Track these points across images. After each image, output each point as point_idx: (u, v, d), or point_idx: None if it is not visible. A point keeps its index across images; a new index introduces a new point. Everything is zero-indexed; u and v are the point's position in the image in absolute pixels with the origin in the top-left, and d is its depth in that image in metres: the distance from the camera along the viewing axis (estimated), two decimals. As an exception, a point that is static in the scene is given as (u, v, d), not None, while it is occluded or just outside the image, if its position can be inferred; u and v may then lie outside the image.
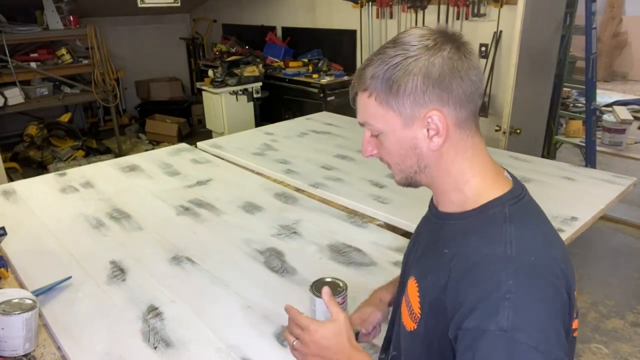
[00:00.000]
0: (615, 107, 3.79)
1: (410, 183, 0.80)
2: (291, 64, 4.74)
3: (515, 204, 0.73)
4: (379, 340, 1.04)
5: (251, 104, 4.41)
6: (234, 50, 4.88)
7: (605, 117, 3.55)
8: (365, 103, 0.76)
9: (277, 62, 4.82)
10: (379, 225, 1.65)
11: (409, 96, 0.71)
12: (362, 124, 0.79)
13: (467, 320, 0.64)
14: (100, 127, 5.86)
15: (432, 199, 0.84)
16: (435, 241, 0.78)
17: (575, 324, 0.72)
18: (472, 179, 0.75)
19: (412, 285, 0.79)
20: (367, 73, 0.74)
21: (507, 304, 0.61)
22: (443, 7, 3.48)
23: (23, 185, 2.08)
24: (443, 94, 0.70)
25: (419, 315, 0.75)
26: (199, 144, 2.58)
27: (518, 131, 2.76)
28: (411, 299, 0.78)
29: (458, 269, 0.68)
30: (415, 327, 0.76)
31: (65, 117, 5.03)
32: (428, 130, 0.72)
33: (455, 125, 0.72)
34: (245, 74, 4.30)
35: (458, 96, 0.71)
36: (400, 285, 0.92)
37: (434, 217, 0.82)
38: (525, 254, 0.66)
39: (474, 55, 0.74)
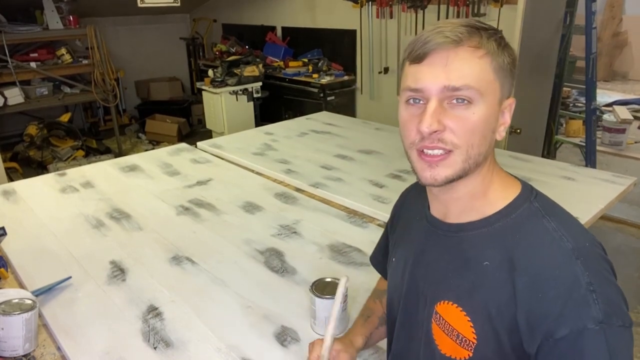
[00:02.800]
0: (615, 106, 3.78)
1: (461, 176, 0.68)
2: (291, 63, 4.74)
3: (537, 196, 0.71)
4: None
5: (251, 103, 4.41)
6: (234, 50, 4.89)
7: (606, 116, 3.55)
8: (477, 63, 0.65)
9: (277, 62, 4.82)
10: (379, 225, 1.65)
11: (512, 74, 0.68)
12: (457, 87, 0.64)
13: (558, 328, 0.60)
14: (100, 127, 5.86)
15: (428, 212, 0.78)
16: (459, 256, 0.71)
17: None
18: (496, 181, 0.72)
19: (450, 309, 0.71)
20: (478, 33, 0.66)
21: (595, 296, 0.60)
22: (443, 7, 3.48)
23: (23, 185, 2.08)
24: (514, 84, 0.69)
25: (474, 341, 0.68)
26: (199, 143, 2.58)
27: (518, 131, 2.76)
28: (458, 326, 0.70)
29: (524, 282, 0.63)
30: (471, 354, 0.69)
31: (65, 117, 5.02)
32: (504, 116, 0.69)
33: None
34: (245, 74, 4.30)
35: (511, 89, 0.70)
36: (408, 315, 0.82)
37: (444, 231, 0.74)
38: (580, 242, 0.64)
39: None
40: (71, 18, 4.61)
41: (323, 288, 1.09)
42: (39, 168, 4.51)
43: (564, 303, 0.60)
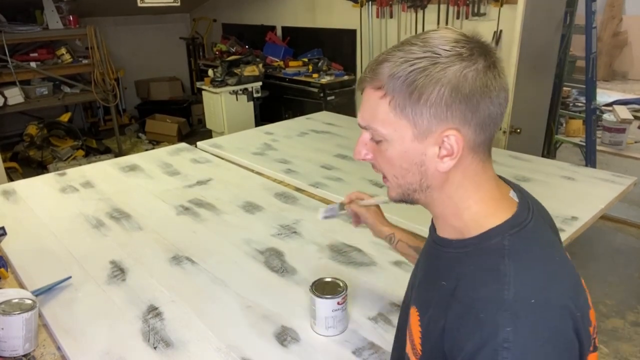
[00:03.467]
0: (615, 106, 3.79)
1: (405, 200, 0.72)
2: (291, 63, 4.74)
3: (517, 232, 0.65)
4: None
5: (251, 103, 4.41)
6: (234, 50, 4.89)
7: (605, 116, 3.55)
8: (376, 104, 0.66)
9: (277, 61, 4.82)
10: (379, 225, 1.65)
11: (430, 107, 0.62)
12: (363, 127, 0.69)
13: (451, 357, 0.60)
14: (100, 126, 5.86)
15: (432, 220, 0.78)
16: (433, 270, 0.73)
17: (592, 358, 0.66)
18: (473, 205, 0.68)
19: (414, 316, 0.73)
20: (385, 70, 0.64)
21: (506, 354, 0.56)
22: (443, 7, 3.48)
23: (23, 185, 2.08)
24: (468, 113, 0.63)
25: (420, 353, 0.70)
26: (199, 143, 2.58)
27: (518, 131, 2.76)
28: (413, 332, 0.72)
29: (455, 312, 0.63)
30: None
31: (65, 117, 5.03)
32: (440, 148, 0.64)
33: (469, 149, 0.65)
34: (245, 74, 4.30)
35: (482, 118, 0.64)
36: (404, 306, 0.86)
37: (433, 242, 0.75)
38: (523, 296, 0.59)
39: (504, 74, 0.66)
40: (71, 18, 4.61)
41: (323, 288, 1.09)
42: (39, 168, 4.51)
43: (477, 350, 0.58)
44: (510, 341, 0.56)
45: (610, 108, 3.88)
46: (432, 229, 0.77)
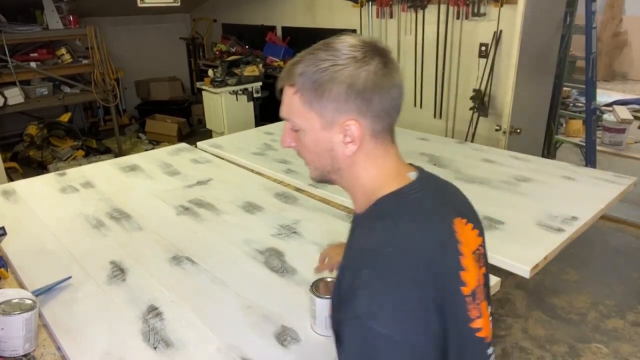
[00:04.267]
0: (615, 106, 3.78)
1: (324, 180, 0.84)
2: (291, 63, 4.73)
3: (396, 200, 0.76)
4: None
5: (251, 103, 4.41)
6: (234, 50, 4.88)
7: (605, 116, 3.55)
8: (291, 99, 0.77)
9: (277, 61, 4.82)
10: (379, 225, 1.65)
11: (332, 102, 0.74)
12: (285, 118, 0.81)
13: (338, 313, 0.71)
14: (100, 127, 5.86)
15: None
16: (347, 243, 0.83)
17: (478, 324, 0.73)
18: (374, 182, 0.79)
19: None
20: (297, 70, 0.76)
21: (362, 292, 0.66)
22: (443, 7, 3.48)
23: (23, 185, 2.08)
24: (363, 106, 0.74)
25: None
26: (199, 143, 2.58)
27: (518, 131, 2.76)
28: None
29: (341, 264, 0.77)
30: None
31: (65, 117, 5.02)
32: (345, 136, 0.76)
33: (370, 136, 0.76)
34: (245, 74, 4.30)
35: (376, 110, 0.74)
36: None
37: (352, 220, 0.87)
38: (383, 246, 0.70)
39: (398, 72, 0.77)
40: (71, 18, 4.61)
41: (323, 288, 1.09)
42: (39, 168, 4.51)
43: (344, 292, 0.69)
44: (366, 281, 0.67)
45: (610, 108, 3.87)
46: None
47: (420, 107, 3.90)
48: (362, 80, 0.72)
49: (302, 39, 4.90)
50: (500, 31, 3.24)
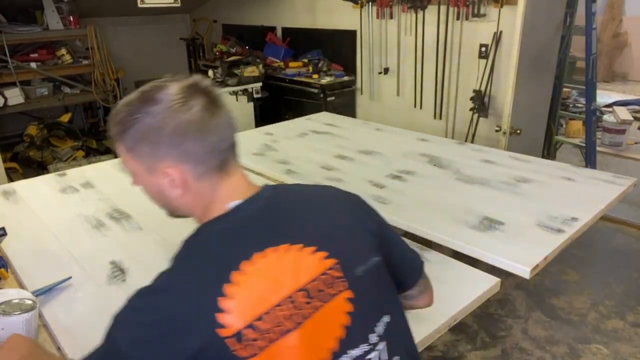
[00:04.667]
0: (615, 107, 3.79)
1: (177, 216, 0.90)
2: (291, 64, 4.74)
3: (194, 234, 0.82)
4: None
5: (251, 104, 4.41)
6: (234, 51, 4.88)
7: (605, 117, 3.55)
8: (117, 147, 0.84)
9: (277, 62, 4.82)
10: (379, 225, 1.65)
11: (147, 149, 0.79)
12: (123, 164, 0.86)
13: None
14: (100, 127, 5.84)
15: None
16: None
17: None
18: (204, 219, 0.82)
19: None
20: (116, 120, 0.81)
21: (115, 319, 0.78)
22: (443, 8, 3.48)
23: (23, 186, 2.08)
24: (177, 152, 0.78)
25: None
26: (199, 144, 2.57)
27: (518, 131, 2.76)
28: None
29: None
30: None
31: (65, 117, 5.02)
32: (169, 181, 0.80)
33: (194, 179, 0.80)
34: (245, 74, 4.30)
35: (194, 154, 0.78)
36: None
37: None
38: (155, 282, 0.80)
39: (221, 110, 0.82)
40: (71, 18, 4.61)
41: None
42: (39, 168, 4.50)
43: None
44: (132, 298, 0.78)
45: (610, 109, 3.88)
46: None
47: (420, 107, 3.90)
48: (171, 128, 0.76)
49: (302, 40, 4.91)
50: (500, 32, 3.24)
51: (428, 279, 0.99)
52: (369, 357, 0.77)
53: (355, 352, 0.76)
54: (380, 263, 0.83)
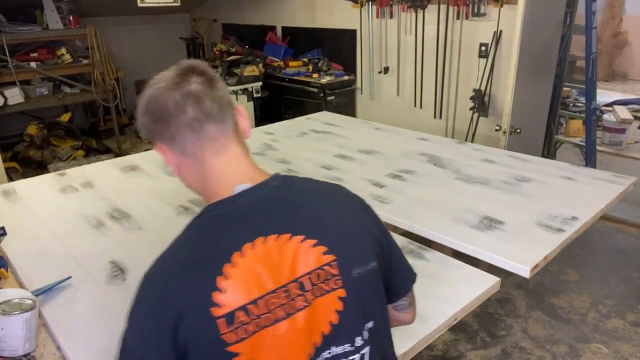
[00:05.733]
0: (615, 106, 3.79)
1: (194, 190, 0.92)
2: (291, 63, 4.73)
3: (198, 217, 0.82)
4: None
5: (251, 103, 4.41)
6: (233, 50, 4.88)
7: (606, 116, 3.55)
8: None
9: (277, 61, 4.82)
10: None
11: (142, 128, 0.86)
12: None
13: None
14: (100, 126, 5.85)
15: None
16: None
17: (237, 348, 0.70)
18: (207, 196, 0.86)
19: None
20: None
21: (135, 293, 0.76)
22: (443, 7, 3.48)
23: (23, 185, 2.08)
24: (156, 134, 0.83)
25: None
26: (199, 143, 2.57)
27: (518, 131, 2.76)
28: None
29: None
30: None
31: (65, 117, 5.02)
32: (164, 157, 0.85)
33: (180, 155, 0.84)
34: (245, 74, 4.30)
35: (168, 135, 0.82)
36: None
37: None
38: (161, 257, 0.79)
39: (199, 90, 0.81)
40: (71, 18, 4.61)
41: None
42: (39, 168, 4.50)
43: None
44: (141, 283, 0.77)
45: (610, 108, 3.88)
46: None
47: (420, 107, 3.90)
48: (154, 108, 0.82)
49: (302, 39, 4.91)
50: (500, 31, 3.24)
51: (414, 295, 0.99)
52: (351, 357, 0.78)
53: (338, 349, 0.77)
54: (377, 269, 0.83)
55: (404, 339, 1.11)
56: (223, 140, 0.83)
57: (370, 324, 0.81)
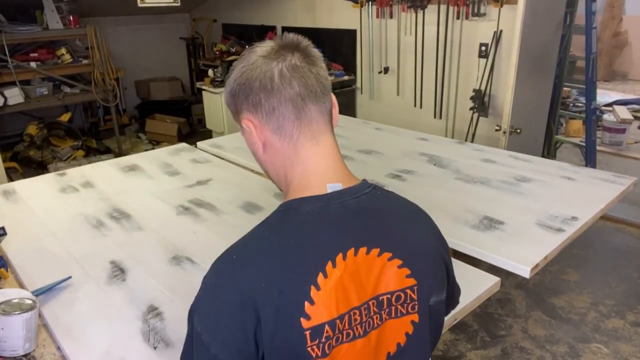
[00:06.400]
0: (615, 106, 3.79)
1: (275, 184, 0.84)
2: (291, 63, 4.73)
3: (285, 211, 0.74)
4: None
5: (251, 103, 4.40)
6: (234, 50, 4.88)
7: (606, 116, 3.55)
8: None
9: (277, 61, 4.82)
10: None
11: (231, 102, 0.80)
12: None
13: None
14: (100, 126, 5.86)
15: None
16: None
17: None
18: (290, 185, 0.78)
19: None
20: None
21: (200, 291, 0.72)
22: (443, 7, 3.48)
23: (23, 185, 2.08)
24: (250, 105, 0.76)
25: None
26: (198, 143, 2.58)
27: (518, 131, 2.76)
28: None
29: None
30: None
31: (65, 117, 5.03)
32: (248, 135, 0.78)
33: (272, 133, 0.76)
34: (245, 74, 4.29)
35: (266, 108, 0.74)
36: None
37: None
38: (237, 249, 0.72)
39: (303, 66, 0.74)
40: (71, 18, 4.61)
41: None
42: (39, 168, 4.51)
43: None
44: (206, 282, 0.73)
45: (610, 108, 3.88)
46: None
47: (420, 107, 3.90)
48: (247, 80, 0.76)
49: (302, 39, 4.90)
50: (500, 31, 3.24)
51: None
52: None
53: None
54: (444, 301, 0.82)
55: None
56: (321, 126, 0.77)
57: (430, 352, 0.81)
